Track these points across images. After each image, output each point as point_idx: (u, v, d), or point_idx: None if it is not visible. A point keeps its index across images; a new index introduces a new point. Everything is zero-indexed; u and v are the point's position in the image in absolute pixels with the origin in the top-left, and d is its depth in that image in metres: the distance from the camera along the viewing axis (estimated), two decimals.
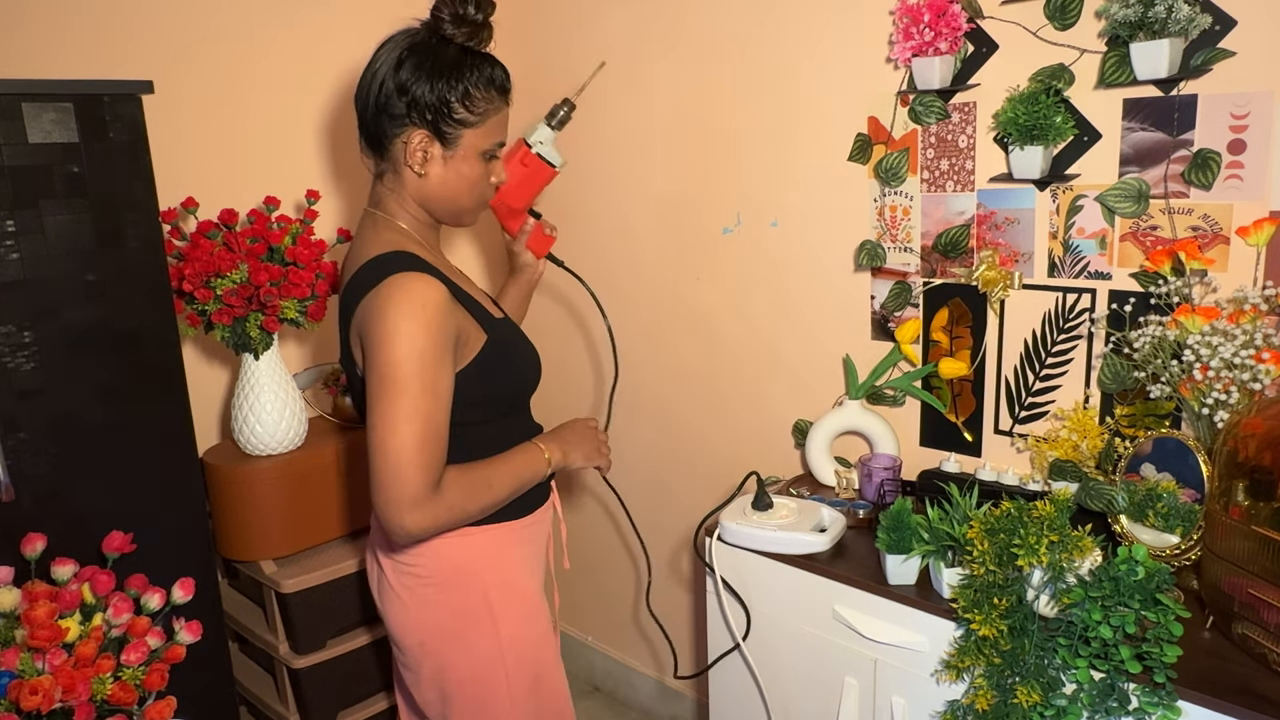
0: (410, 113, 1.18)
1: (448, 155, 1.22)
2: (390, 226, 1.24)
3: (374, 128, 1.22)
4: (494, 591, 1.28)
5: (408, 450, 1.08)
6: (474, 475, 1.19)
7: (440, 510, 1.12)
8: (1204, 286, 1.35)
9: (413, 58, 1.18)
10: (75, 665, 1.20)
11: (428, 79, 1.18)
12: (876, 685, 1.37)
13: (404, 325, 1.10)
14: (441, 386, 1.13)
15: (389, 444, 1.08)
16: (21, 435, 1.34)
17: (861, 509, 1.57)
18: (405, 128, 1.20)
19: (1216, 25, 1.27)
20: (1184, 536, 1.25)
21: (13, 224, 1.31)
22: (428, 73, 1.18)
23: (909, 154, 1.62)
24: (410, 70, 1.18)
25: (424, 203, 1.26)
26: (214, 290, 1.60)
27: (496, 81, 1.24)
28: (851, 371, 1.77)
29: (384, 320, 1.10)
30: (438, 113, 1.19)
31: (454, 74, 1.19)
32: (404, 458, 1.08)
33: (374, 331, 1.11)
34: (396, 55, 1.19)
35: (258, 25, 1.91)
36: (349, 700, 1.84)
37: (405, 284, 1.12)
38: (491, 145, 1.26)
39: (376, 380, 1.10)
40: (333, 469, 1.78)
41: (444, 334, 1.14)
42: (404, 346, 1.09)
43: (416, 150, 1.20)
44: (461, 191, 1.26)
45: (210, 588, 1.58)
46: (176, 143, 1.77)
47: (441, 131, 1.20)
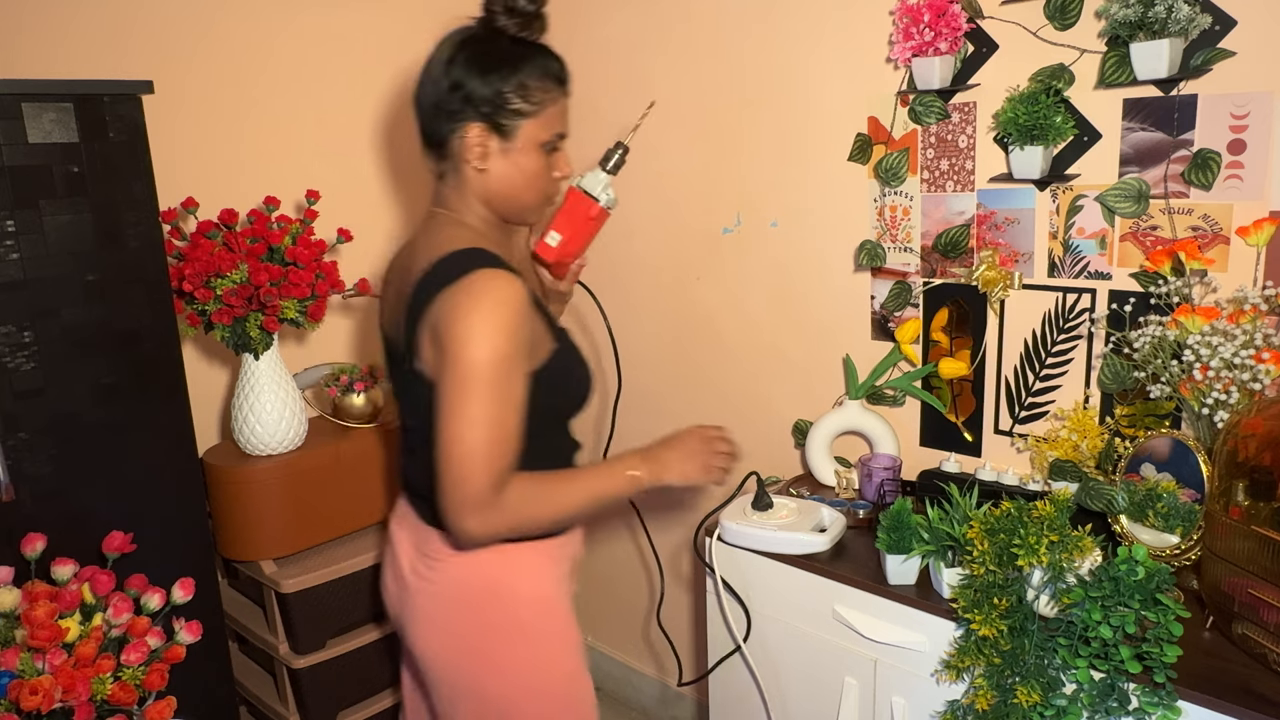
0: (466, 107, 1.16)
1: (507, 148, 1.19)
2: (459, 224, 1.22)
3: (432, 126, 1.20)
4: (525, 610, 1.23)
5: (477, 452, 1.06)
6: (546, 486, 1.16)
7: (503, 517, 1.10)
8: (1204, 286, 1.35)
9: (465, 52, 1.17)
10: (75, 665, 1.20)
11: (482, 72, 1.15)
12: (876, 685, 1.37)
13: (485, 324, 1.06)
14: (516, 389, 1.10)
15: (459, 445, 1.06)
16: (21, 435, 1.34)
17: (861, 509, 1.57)
18: (462, 123, 1.17)
19: (1216, 25, 1.27)
20: (1184, 536, 1.25)
21: (13, 224, 1.31)
22: (482, 66, 1.16)
23: (909, 154, 1.62)
24: (464, 65, 1.16)
25: (487, 200, 1.22)
26: (214, 290, 1.59)
27: (552, 71, 1.21)
28: (851, 371, 1.77)
29: (465, 317, 1.07)
30: (494, 105, 1.16)
31: (508, 65, 1.16)
32: (473, 459, 1.06)
33: (453, 328, 1.07)
34: (449, 52, 1.17)
35: (258, 25, 1.91)
36: (349, 700, 1.84)
37: (488, 281, 1.09)
38: (551, 136, 1.22)
39: (452, 379, 1.07)
40: (333, 469, 1.78)
41: (522, 336, 1.11)
42: (484, 346, 1.06)
43: (474, 144, 1.18)
44: (523, 185, 1.22)
45: (210, 588, 1.58)
46: (176, 143, 1.77)
47: (499, 124, 1.17)
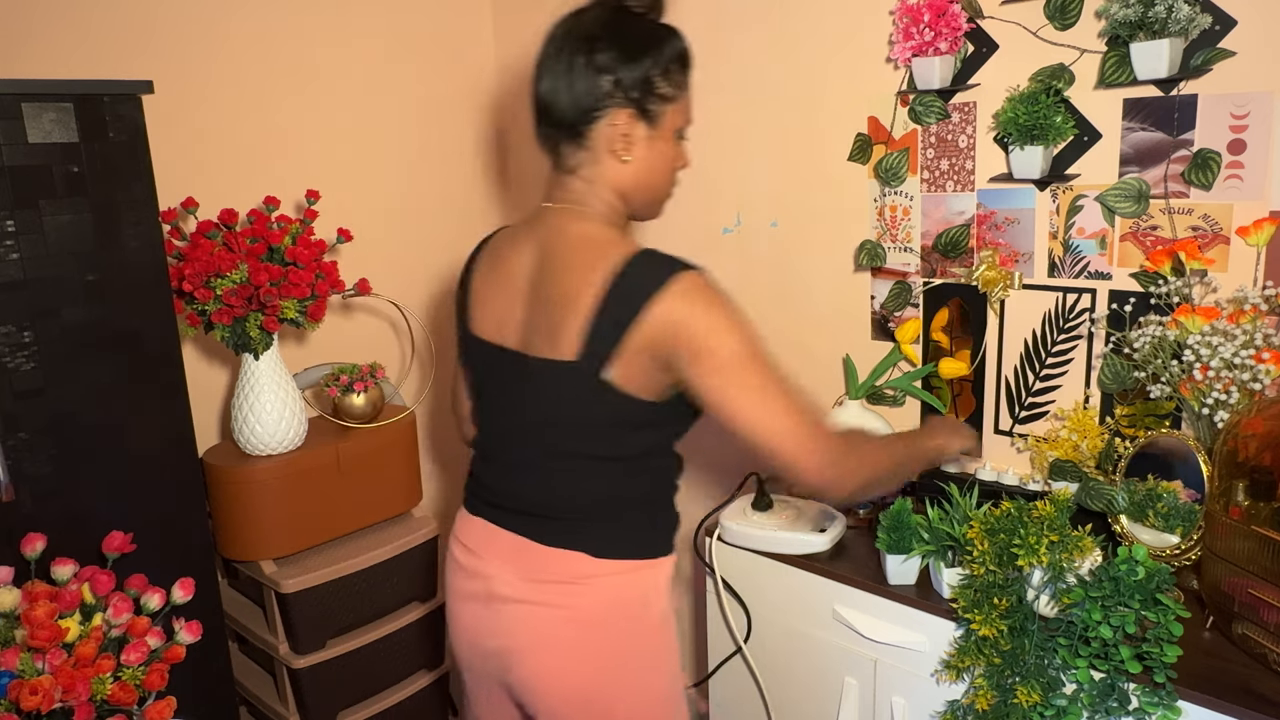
0: (615, 92, 1.09)
1: (652, 135, 1.13)
2: (603, 221, 1.14)
3: (573, 114, 1.11)
4: (657, 626, 1.18)
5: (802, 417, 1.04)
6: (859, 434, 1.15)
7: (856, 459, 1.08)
8: (1204, 286, 1.35)
9: (607, 33, 1.10)
10: (75, 665, 1.20)
11: (632, 56, 1.09)
12: (876, 685, 1.37)
13: (726, 313, 1.05)
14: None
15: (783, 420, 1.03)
16: (21, 435, 1.34)
17: (861, 509, 1.57)
18: (608, 109, 1.10)
19: (1216, 25, 1.27)
20: (1184, 536, 1.25)
21: (13, 224, 1.31)
22: (630, 49, 1.10)
23: (909, 154, 1.62)
24: (609, 48, 1.09)
25: (624, 191, 1.15)
26: (214, 290, 1.59)
27: (686, 55, 1.17)
28: (851, 371, 1.77)
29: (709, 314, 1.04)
30: (644, 90, 1.10)
31: (654, 48, 1.11)
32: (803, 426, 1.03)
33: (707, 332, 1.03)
34: (588, 33, 1.10)
35: (258, 25, 1.91)
36: (349, 700, 1.83)
37: (702, 277, 1.06)
38: (685, 123, 1.18)
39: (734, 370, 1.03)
40: (333, 469, 1.78)
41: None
42: (740, 330, 1.05)
43: (622, 132, 1.11)
44: (662, 174, 1.18)
45: (210, 588, 1.58)
46: (176, 143, 1.77)
47: (646, 110, 1.11)
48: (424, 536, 1.88)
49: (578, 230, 1.12)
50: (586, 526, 1.12)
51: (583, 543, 1.12)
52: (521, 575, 1.15)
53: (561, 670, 1.14)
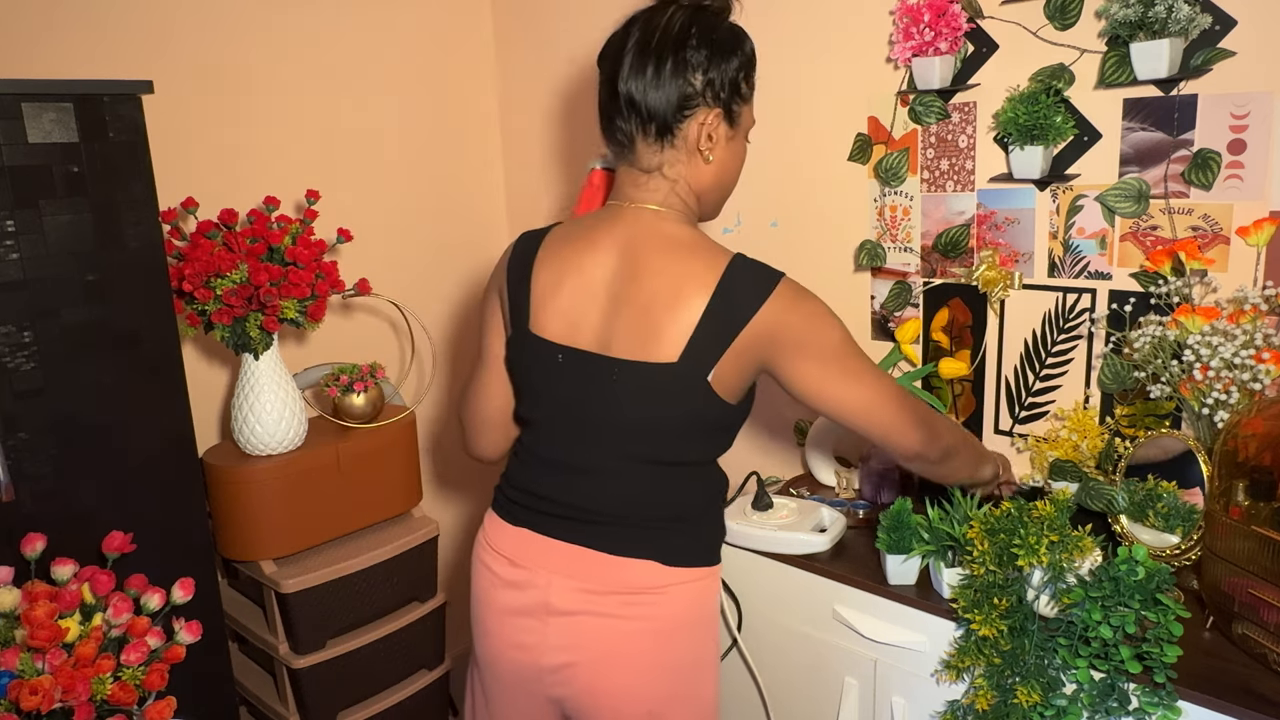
0: (707, 91, 1.09)
1: (733, 135, 1.14)
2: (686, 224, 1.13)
3: (664, 111, 1.08)
4: (714, 634, 1.20)
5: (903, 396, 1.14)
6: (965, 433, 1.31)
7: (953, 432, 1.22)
8: (1204, 286, 1.35)
9: (699, 32, 1.08)
10: (75, 665, 1.20)
11: (722, 55, 1.09)
12: (876, 685, 1.37)
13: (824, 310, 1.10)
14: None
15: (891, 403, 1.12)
16: (21, 435, 1.34)
17: (861, 509, 1.57)
18: (699, 108, 1.09)
19: (1216, 25, 1.27)
20: (1184, 536, 1.25)
21: (13, 224, 1.31)
22: (719, 48, 1.09)
23: (909, 154, 1.62)
24: (704, 46, 1.08)
25: (703, 190, 1.14)
26: (214, 290, 1.60)
27: (756, 56, 1.17)
28: None
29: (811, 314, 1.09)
30: (732, 90, 1.11)
31: (739, 48, 1.12)
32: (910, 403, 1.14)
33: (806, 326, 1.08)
34: (677, 32, 1.07)
35: (258, 25, 1.91)
36: (349, 700, 1.84)
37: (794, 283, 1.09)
38: (752, 124, 1.19)
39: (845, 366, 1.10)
40: (333, 469, 1.78)
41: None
42: (839, 325, 1.11)
43: (709, 131, 1.10)
44: (733, 176, 1.18)
45: (210, 588, 1.58)
46: (176, 143, 1.77)
47: (731, 111, 1.12)
48: (424, 536, 1.88)
49: (669, 232, 1.10)
50: (656, 535, 1.11)
51: (653, 551, 1.11)
52: (582, 586, 1.11)
53: (635, 683, 1.12)
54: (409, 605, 1.90)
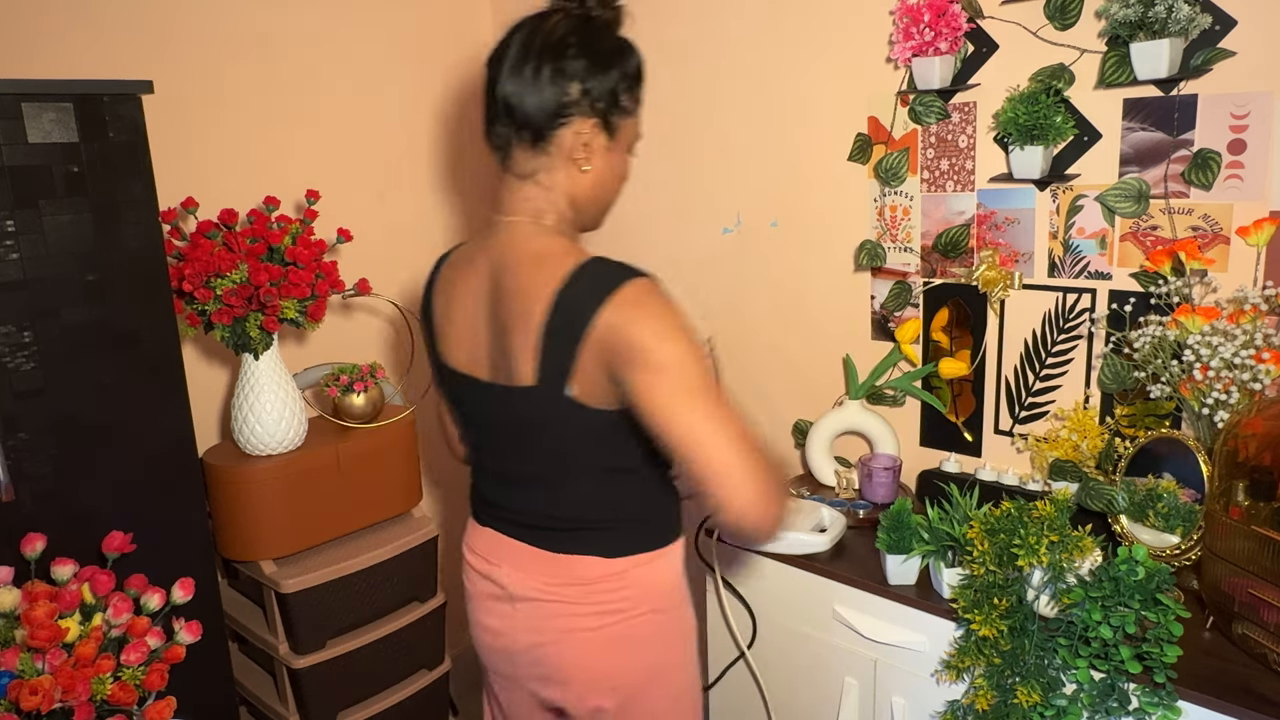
0: (582, 101, 1.08)
1: (610, 147, 1.14)
2: (549, 232, 1.12)
3: (539, 117, 1.09)
4: (687, 612, 1.21)
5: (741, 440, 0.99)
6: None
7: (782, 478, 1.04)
8: (1204, 286, 1.35)
9: (578, 41, 1.09)
10: (75, 665, 1.20)
11: (600, 65, 1.09)
12: (876, 685, 1.37)
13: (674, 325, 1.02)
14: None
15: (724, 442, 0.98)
16: (21, 435, 1.34)
17: (861, 509, 1.57)
18: (574, 117, 1.09)
19: (1216, 25, 1.27)
20: (1184, 536, 1.25)
21: (13, 224, 1.31)
22: (598, 57, 1.09)
23: (909, 154, 1.62)
24: (579, 56, 1.08)
25: (577, 202, 1.14)
26: (214, 290, 1.59)
27: (643, 69, 1.17)
28: (852, 371, 1.77)
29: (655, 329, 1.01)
30: (609, 101, 1.11)
31: (620, 60, 1.12)
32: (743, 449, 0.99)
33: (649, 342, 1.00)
34: (557, 39, 1.09)
35: (258, 26, 1.91)
36: (349, 700, 1.83)
37: (651, 285, 1.04)
38: (636, 139, 1.19)
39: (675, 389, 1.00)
40: (333, 469, 1.78)
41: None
42: (686, 345, 1.01)
43: (584, 140, 1.10)
44: (612, 188, 1.18)
45: (210, 588, 1.58)
46: (176, 143, 1.77)
47: (609, 122, 1.12)
48: (424, 536, 1.88)
49: (531, 247, 1.10)
50: (590, 534, 1.13)
51: (597, 548, 1.13)
52: (541, 580, 1.16)
53: (601, 661, 1.16)
54: (409, 605, 1.90)
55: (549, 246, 1.09)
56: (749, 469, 0.98)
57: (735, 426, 1.00)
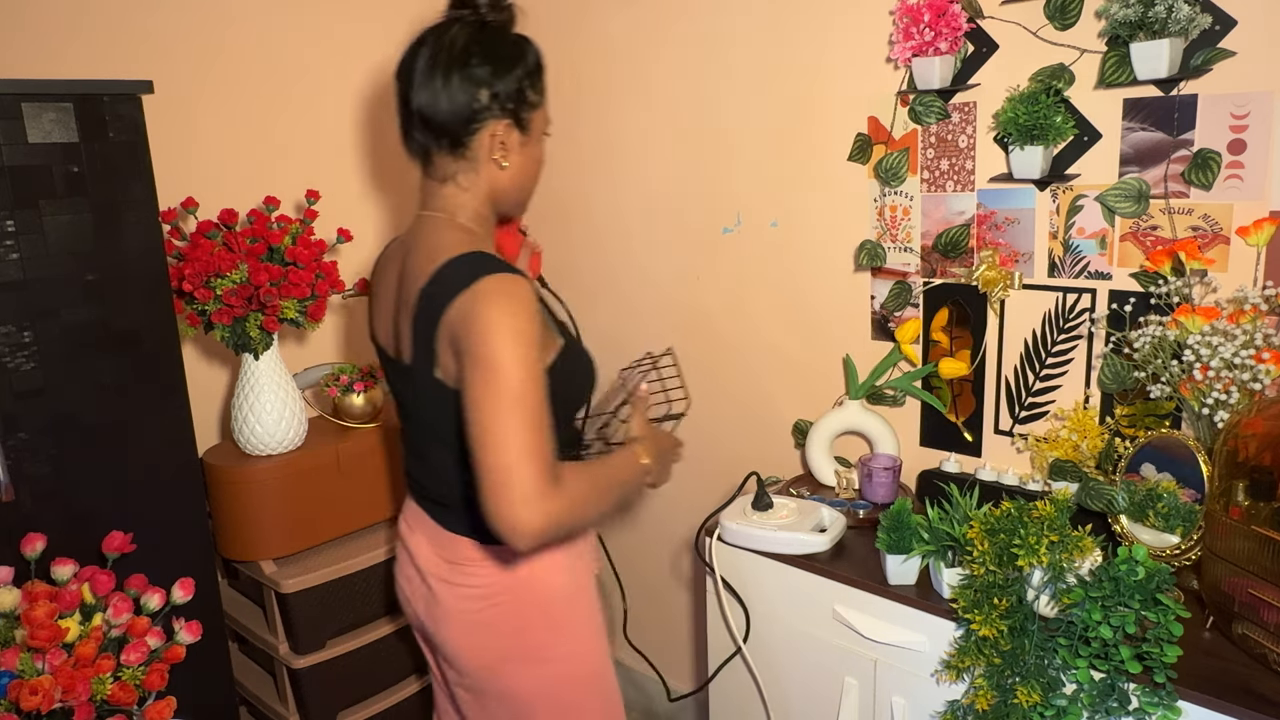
0: (493, 104, 1.16)
1: (525, 141, 1.21)
2: (455, 227, 1.20)
3: (453, 125, 1.16)
4: (557, 604, 1.26)
5: (530, 454, 1.03)
6: (589, 473, 1.14)
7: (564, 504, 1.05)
8: (1204, 286, 1.35)
9: (479, 48, 1.15)
10: (75, 665, 1.20)
11: (503, 67, 1.16)
12: (876, 685, 1.37)
13: (510, 326, 1.05)
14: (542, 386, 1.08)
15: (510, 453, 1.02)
16: (21, 435, 1.34)
17: (861, 509, 1.57)
18: (487, 121, 1.16)
19: (1216, 25, 1.27)
20: (1184, 536, 1.25)
21: (13, 224, 1.31)
22: (500, 60, 1.16)
23: (909, 154, 1.62)
24: (484, 61, 1.15)
25: (498, 195, 1.22)
26: (214, 290, 1.60)
27: (541, 59, 1.22)
28: (852, 371, 1.77)
29: (489, 322, 1.05)
30: (517, 100, 1.17)
31: (520, 58, 1.18)
32: (527, 462, 1.02)
33: (479, 335, 1.05)
34: (460, 49, 1.15)
35: (258, 25, 1.91)
36: (349, 700, 1.84)
37: (504, 284, 1.08)
38: (546, 126, 1.25)
39: (486, 380, 1.04)
40: (333, 469, 1.78)
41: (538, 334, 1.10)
42: (513, 347, 1.05)
43: (500, 141, 1.18)
44: (530, 176, 1.25)
45: (210, 588, 1.58)
46: (176, 143, 1.77)
47: (521, 118, 1.18)
48: None
49: (433, 240, 1.18)
50: (471, 515, 1.15)
51: (470, 530, 1.22)
52: (433, 552, 1.27)
53: (466, 642, 1.25)
54: None
55: (448, 239, 1.17)
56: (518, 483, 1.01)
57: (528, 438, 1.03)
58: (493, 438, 1.03)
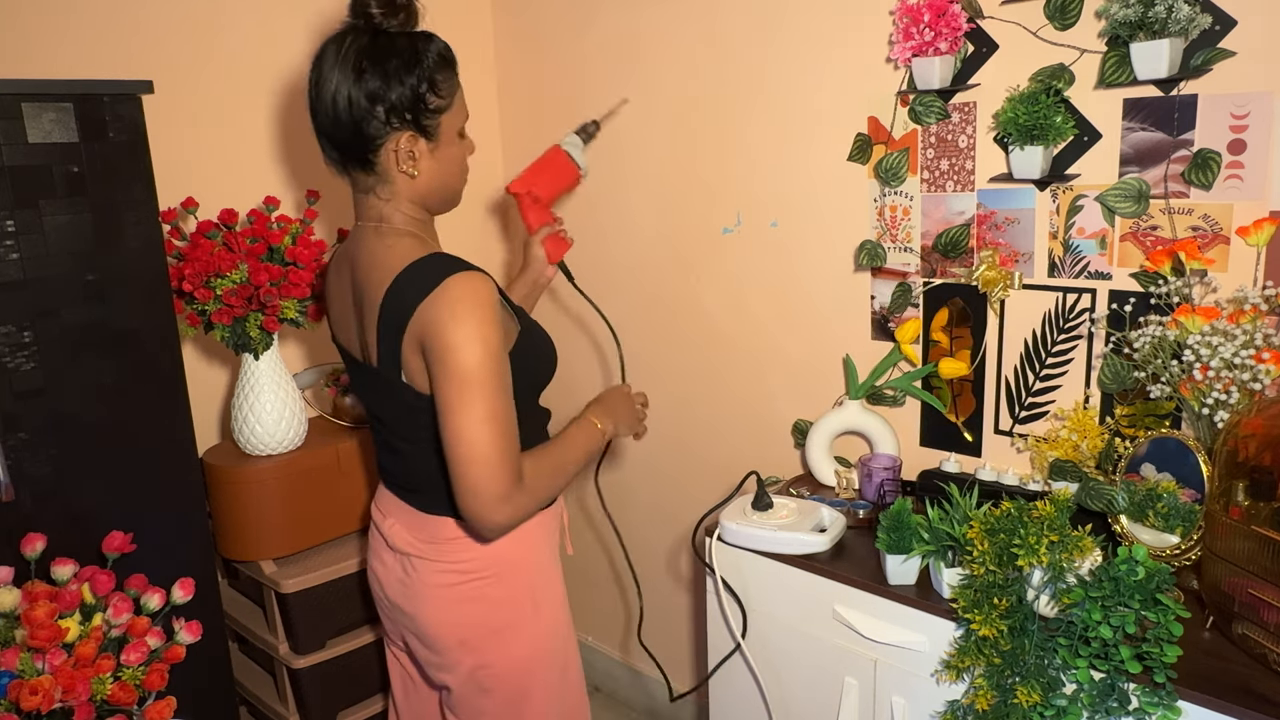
0: (390, 118, 1.15)
1: (433, 147, 1.21)
2: (399, 234, 1.22)
3: (356, 145, 1.17)
4: (537, 580, 1.32)
5: (495, 449, 1.10)
6: (548, 460, 1.23)
7: (525, 499, 1.15)
8: (1204, 286, 1.35)
9: (369, 62, 1.13)
10: (75, 665, 1.20)
11: (396, 78, 1.14)
12: (876, 685, 1.37)
13: (477, 327, 1.09)
14: (508, 380, 1.14)
15: (476, 446, 1.09)
16: (21, 435, 1.34)
17: (861, 509, 1.57)
18: (389, 134, 1.16)
19: (1216, 25, 1.27)
20: (1184, 536, 1.25)
21: (13, 224, 1.31)
22: (392, 71, 1.14)
23: (909, 154, 1.62)
24: (374, 75, 1.13)
25: (420, 200, 1.24)
26: (214, 290, 1.59)
27: (447, 57, 1.21)
28: (851, 371, 1.77)
29: (456, 323, 1.09)
30: (416, 109, 1.16)
31: (415, 64, 1.15)
32: (492, 457, 1.10)
33: (445, 337, 1.09)
34: (351, 64, 1.14)
35: (258, 25, 1.91)
36: (349, 700, 1.83)
37: (467, 284, 1.11)
38: (462, 122, 1.25)
39: (453, 381, 1.09)
40: (333, 469, 1.78)
41: (503, 329, 1.15)
42: (479, 348, 1.09)
43: (407, 153, 1.18)
44: (450, 176, 1.26)
45: (210, 588, 1.58)
46: (176, 143, 1.77)
47: (423, 126, 1.18)
48: None
49: (377, 245, 1.21)
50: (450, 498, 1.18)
51: (450, 510, 1.24)
52: (409, 533, 1.31)
53: (446, 615, 1.29)
54: None
55: (391, 247, 1.20)
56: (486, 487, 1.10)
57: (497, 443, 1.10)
58: (465, 446, 1.09)
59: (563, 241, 1.60)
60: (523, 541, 1.29)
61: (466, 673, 1.30)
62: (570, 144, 1.65)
